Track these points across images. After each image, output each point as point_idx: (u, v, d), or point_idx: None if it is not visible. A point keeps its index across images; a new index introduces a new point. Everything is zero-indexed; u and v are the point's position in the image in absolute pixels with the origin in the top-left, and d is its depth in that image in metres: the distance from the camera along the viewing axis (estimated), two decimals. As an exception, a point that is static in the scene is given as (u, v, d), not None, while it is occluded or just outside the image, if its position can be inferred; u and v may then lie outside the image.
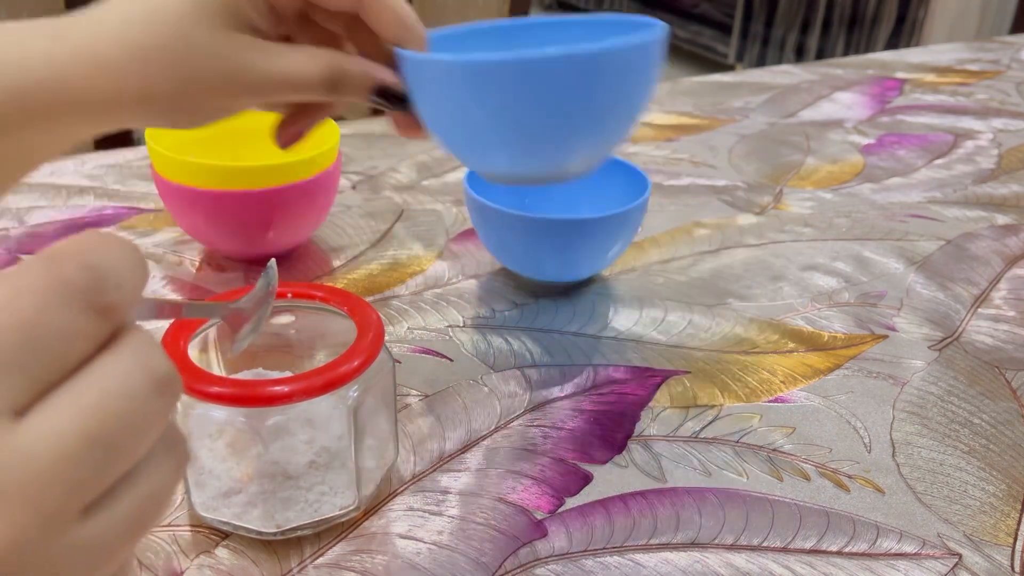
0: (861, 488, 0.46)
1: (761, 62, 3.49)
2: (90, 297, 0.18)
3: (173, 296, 0.60)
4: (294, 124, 0.42)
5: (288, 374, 0.43)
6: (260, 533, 0.40)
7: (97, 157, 0.82)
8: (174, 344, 0.39)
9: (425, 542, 0.41)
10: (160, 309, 0.23)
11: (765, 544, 0.42)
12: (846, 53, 3.19)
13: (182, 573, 0.39)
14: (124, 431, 0.18)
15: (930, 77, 1.17)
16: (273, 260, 0.35)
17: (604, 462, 0.47)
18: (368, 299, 0.61)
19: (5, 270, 0.18)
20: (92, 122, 0.34)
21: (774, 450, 0.48)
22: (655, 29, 0.38)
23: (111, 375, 0.18)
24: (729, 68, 3.66)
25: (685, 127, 0.96)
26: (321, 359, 0.47)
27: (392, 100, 0.38)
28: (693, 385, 0.53)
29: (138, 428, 0.18)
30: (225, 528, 0.41)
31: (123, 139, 1.22)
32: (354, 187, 0.78)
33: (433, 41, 0.40)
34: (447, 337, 0.57)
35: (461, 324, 0.58)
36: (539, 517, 0.43)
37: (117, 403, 0.18)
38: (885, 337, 0.59)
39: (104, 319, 0.18)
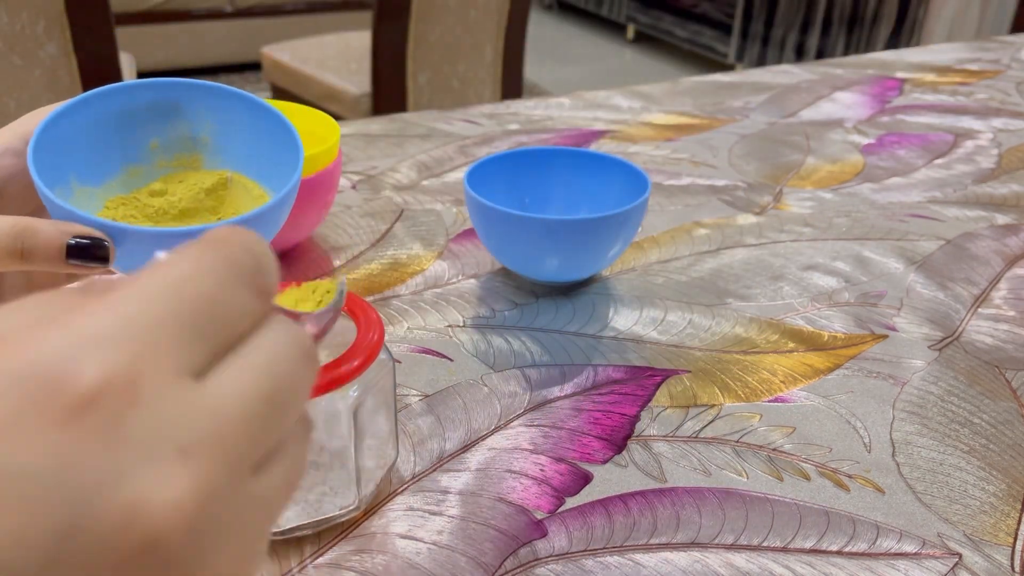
0: (861, 488, 0.46)
1: (761, 62, 3.49)
2: (256, 279, 0.21)
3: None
4: None
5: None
6: (260, 533, 0.40)
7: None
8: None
9: (425, 542, 0.41)
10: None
11: (765, 544, 0.42)
12: (846, 53, 3.19)
13: (182, 573, 0.39)
14: (289, 392, 0.20)
15: (930, 77, 1.17)
16: (344, 278, 0.35)
17: (604, 462, 0.47)
18: (368, 299, 0.61)
19: (179, 249, 0.20)
20: None
21: (774, 450, 0.48)
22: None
23: (274, 345, 0.20)
24: (729, 68, 3.66)
25: (685, 127, 0.96)
26: (321, 359, 0.47)
27: (91, 258, 0.34)
28: (693, 385, 0.53)
29: (297, 391, 0.20)
30: (225, 528, 0.41)
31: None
32: (354, 187, 0.78)
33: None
34: (447, 337, 0.57)
35: (461, 324, 0.58)
36: (539, 517, 0.43)
37: (283, 367, 0.20)
38: (885, 337, 0.59)
39: (263, 299, 0.21)
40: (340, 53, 2.13)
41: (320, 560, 0.40)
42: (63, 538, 0.16)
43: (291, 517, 0.40)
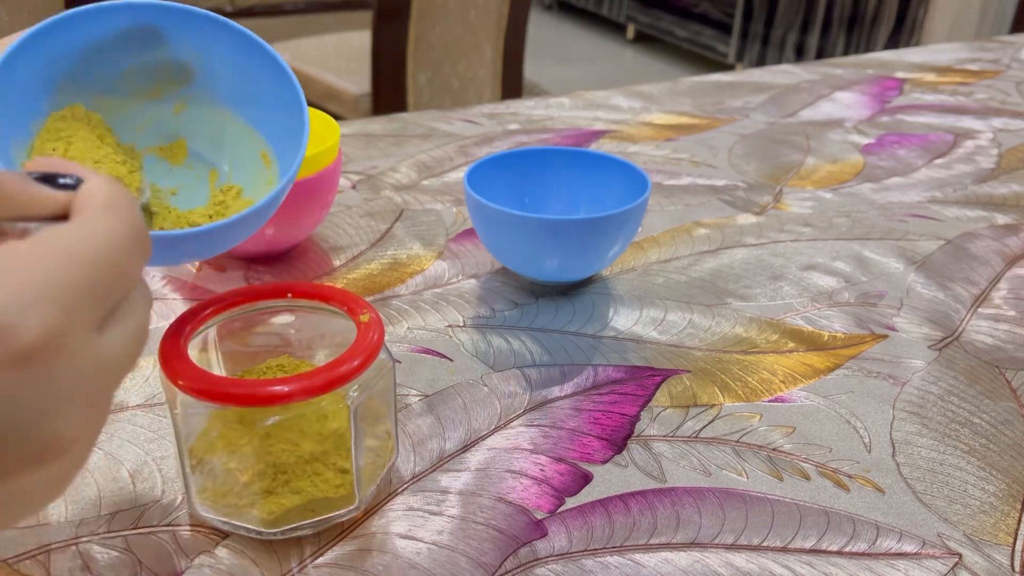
0: (861, 488, 0.46)
1: (761, 62, 3.49)
2: (146, 246, 0.26)
3: (173, 297, 0.60)
4: None
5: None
6: (260, 533, 0.40)
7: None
8: (174, 343, 0.39)
9: (425, 542, 0.41)
10: None
11: (765, 544, 0.42)
12: (846, 53, 3.19)
13: (182, 573, 0.39)
14: (144, 336, 0.27)
15: (930, 77, 1.17)
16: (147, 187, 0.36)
17: (604, 462, 0.47)
18: (368, 299, 0.61)
19: (93, 209, 0.25)
20: None
21: (774, 450, 0.48)
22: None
23: (143, 307, 0.27)
24: (729, 68, 3.67)
25: (685, 127, 0.96)
26: (321, 359, 0.47)
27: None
28: (693, 385, 0.53)
29: (147, 331, 0.27)
30: (225, 528, 0.41)
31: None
32: (354, 187, 0.78)
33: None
34: (447, 337, 0.57)
35: (461, 324, 0.58)
36: (539, 517, 0.43)
37: (144, 324, 0.27)
38: (885, 337, 0.59)
39: (144, 264, 0.26)
40: (340, 53, 2.14)
41: (320, 560, 0.40)
42: None
43: (291, 517, 0.40)
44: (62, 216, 0.26)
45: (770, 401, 0.52)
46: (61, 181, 0.26)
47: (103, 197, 0.25)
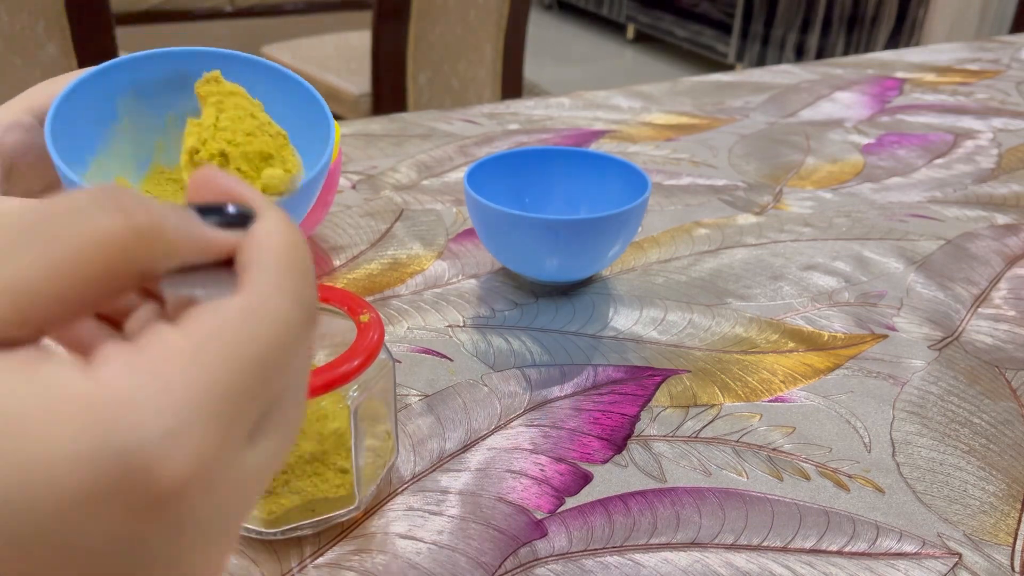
0: (861, 488, 0.46)
1: (761, 62, 3.49)
2: (316, 323, 0.21)
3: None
4: None
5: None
6: (260, 533, 0.40)
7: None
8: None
9: (425, 542, 0.41)
10: None
11: (765, 544, 0.42)
12: (846, 53, 3.20)
13: (182, 573, 0.39)
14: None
15: (930, 77, 1.17)
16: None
17: (604, 462, 0.47)
18: (368, 299, 0.61)
19: (253, 263, 0.20)
20: None
21: (774, 450, 0.48)
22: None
23: (296, 414, 0.21)
24: (729, 68, 3.67)
25: (685, 127, 0.96)
26: (321, 359, 0.47)
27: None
28: (693, 385, 0.53)
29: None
30: (225, 528, 0.41)
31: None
32: (354, 187, 0.78)
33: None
34: (447, 337, 0.57)
35: (461, 324, 0.58)
36: (539, 517, 0.43)
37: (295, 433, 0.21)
38: (885, 337, 0.59)
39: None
40: (340, 53, 2.14)
41: (320, 560, 0.40)
42: None
43: (291, 517, 0.40)
44: (226, 261, 0.20)
45: (770, 401, 0.52)
46: (230, 211, 0.21)
47: (277, 253, 0.20)
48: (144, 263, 0.18)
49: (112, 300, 0.18)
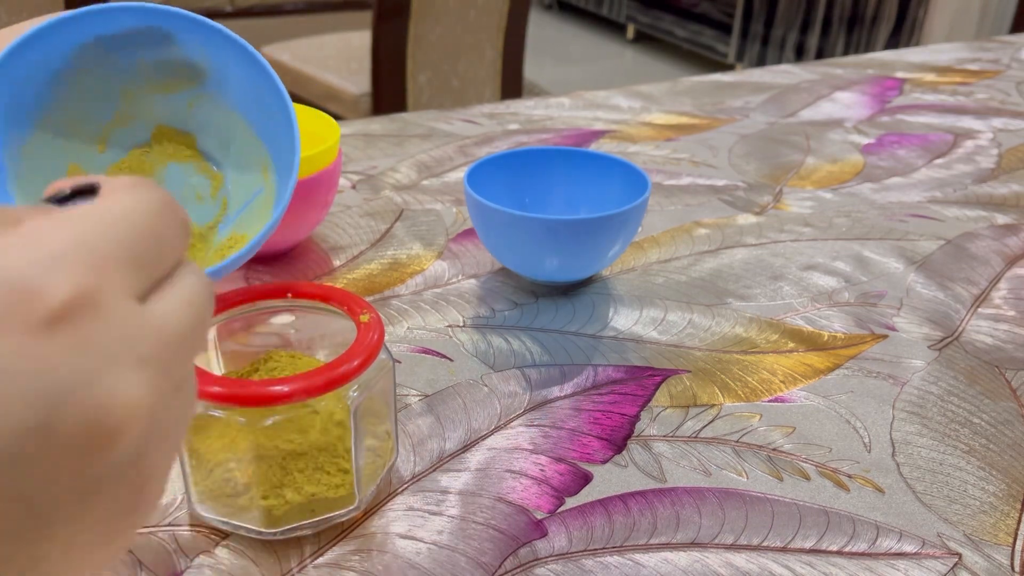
0: (861, 488, 0.46)
1: (761, 62, 3.49)
2: (185, 219, 0.24)
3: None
4: None
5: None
6: (260, 533, 0.40)
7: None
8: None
9: (425, 542, 0.41)
10: None
11: (765, 544, 0.42)
12: (846, 53, 3.20)
13: (182, 573, 0.39)
14: (203, 327, 0.24)
15: (930, 77, 1.17)
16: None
17: (604, 462, 0.47)
18: (368, 299, 0.61)
19: (119, 183, 0.23)
20: None
21: (774, 450, 0.48)
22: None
23: (193, 284, 0.23)
24: (729, 68, 3.67)
25: (685, 127, 0.96)
26: (321, 359, 0.47)
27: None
28: (693, 385, 0.53)
29: (207, 327, 0.24)
30: (225, 528, 0.41)
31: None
32: (354, 187, 0.78)
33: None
34: (447, 337, 0.57)
35: (461, 324, 0.58)
36: (539, 517, 0.43)
37: (200, 303, 0.23)
38: (885, 337, 0.59)
39: (186, 240, 0.24)
40: (340, 53, 2.13)
41: (320, 560, 0.40)
42: (35, 434, 0.18)
43: (291, 517, 0.40)
44: None
45: (770, 401, 0.52)
46: (77, 188, 0.23)
47: (127, 180, 0.23)
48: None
49: None
